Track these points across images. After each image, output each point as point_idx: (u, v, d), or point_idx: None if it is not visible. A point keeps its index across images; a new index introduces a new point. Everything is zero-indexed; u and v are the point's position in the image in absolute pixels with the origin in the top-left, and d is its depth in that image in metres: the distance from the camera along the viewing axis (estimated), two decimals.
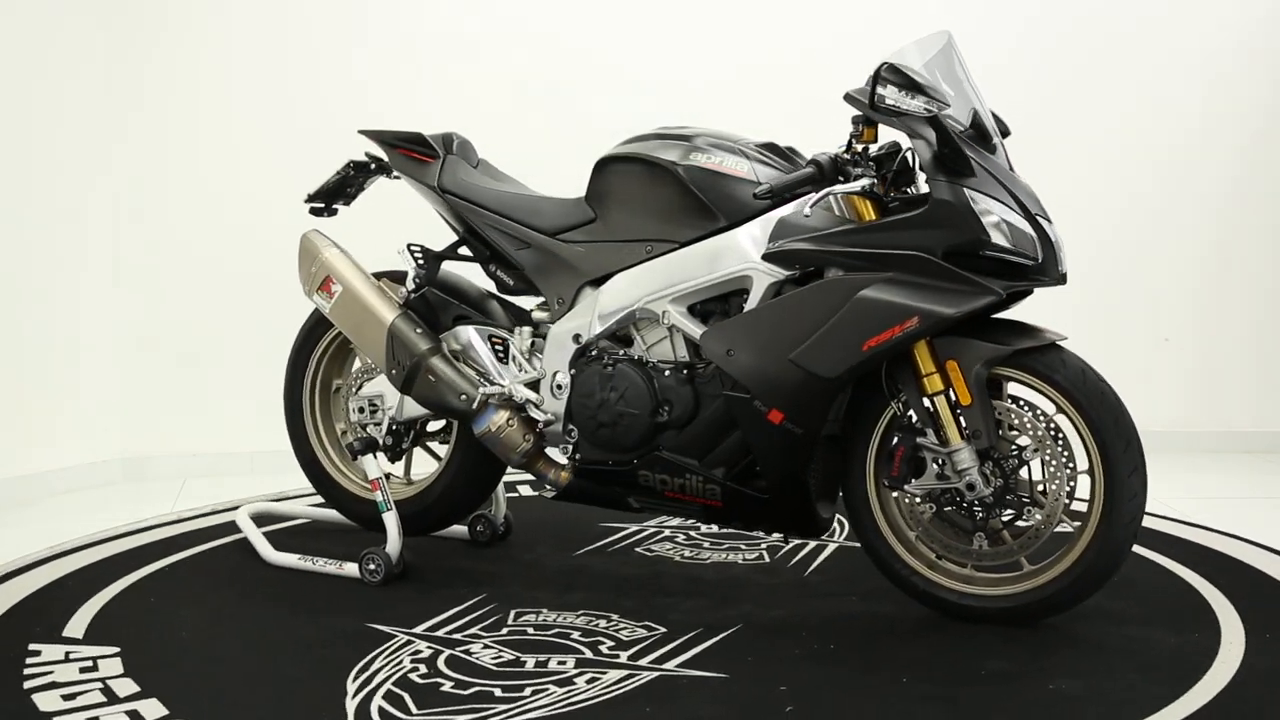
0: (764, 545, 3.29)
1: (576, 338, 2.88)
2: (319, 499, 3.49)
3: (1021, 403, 2.62)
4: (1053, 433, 2.58)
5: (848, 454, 2.74)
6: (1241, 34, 4.48)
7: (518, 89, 4.38)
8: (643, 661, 2.48)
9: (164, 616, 2.80)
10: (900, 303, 2.48)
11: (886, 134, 2.66)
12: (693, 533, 3.42)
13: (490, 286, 3.16)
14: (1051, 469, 2.57)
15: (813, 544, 3.27)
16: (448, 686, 2.36)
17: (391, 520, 3.03)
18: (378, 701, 2.28)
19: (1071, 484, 2.57)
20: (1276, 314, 4.59)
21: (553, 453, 2.98)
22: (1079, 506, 2.64)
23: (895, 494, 2.70)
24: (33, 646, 2.58)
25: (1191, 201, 4.55)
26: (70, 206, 4.15)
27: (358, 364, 3.32)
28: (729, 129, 2.89)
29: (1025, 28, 4.49)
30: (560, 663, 2.48)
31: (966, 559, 2.68)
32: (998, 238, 2.47)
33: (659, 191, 2.79)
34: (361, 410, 3.16)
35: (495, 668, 2.45)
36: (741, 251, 2.68)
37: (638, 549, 3.29)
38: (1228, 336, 4.61)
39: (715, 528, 3.46)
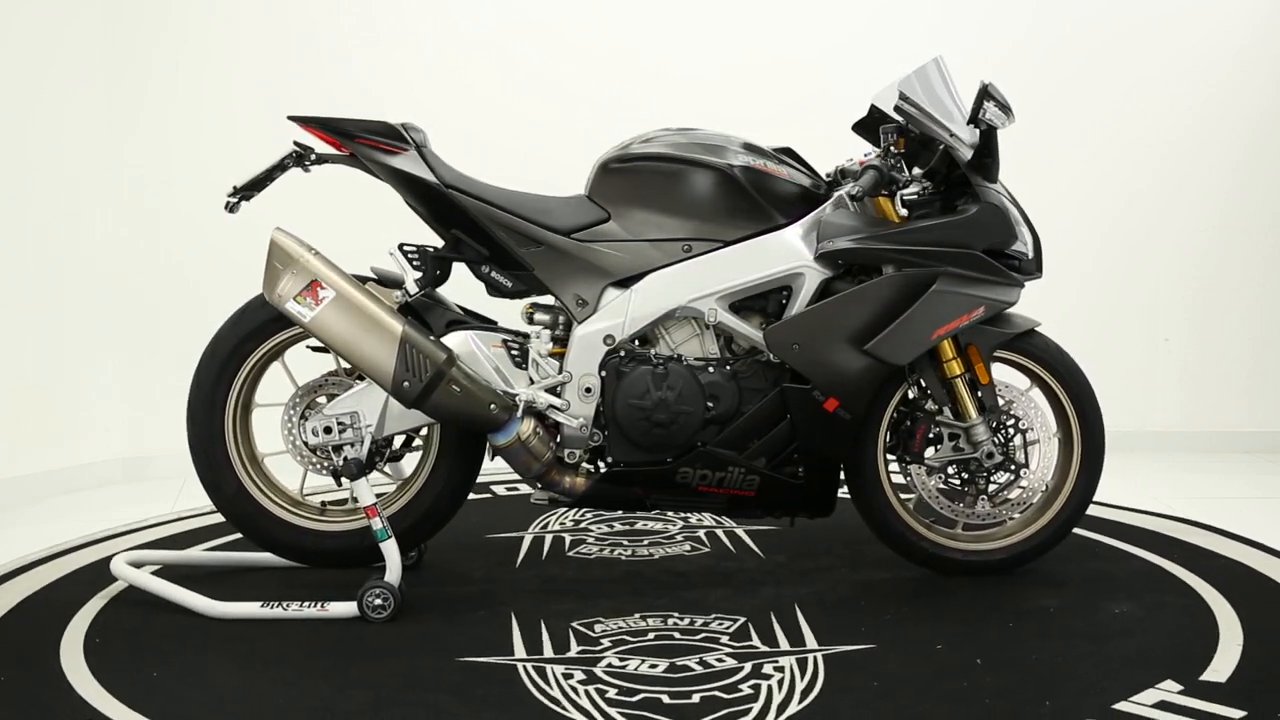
0: (682, 538, 3.38)
1: (608, 339, 2.82)
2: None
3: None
4: (1034, 406, 3.02)
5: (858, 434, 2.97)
6: (1242, 34, 4.49)
7: (518, 86, 4.35)
8: (781, 646, 2.55)
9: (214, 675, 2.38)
10: (970, 294, 2.79)
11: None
12: (592, 535, 3.41)
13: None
14: (1037, 438, 3.02)
15: (724, 532, 3.43)
16: (667, 699, 2.27)
17: (392, 548, 2.74)
18: None
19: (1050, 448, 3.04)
20: (1275, 314, 4.58)
21: None
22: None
23: (911, 467, 2.99)
24: None
25: (1190, 202, 4.54)
26: (71, 206, 4.11)
27: (292, 382, 2.92)
28: (723, 129, 3.00)
29: (1026, 29, 4.47)
30: (719, 660, 2.47)
31: (956, 520, 3.04)
32: (1022, 236, 2.87)
33: (702, 191, 2.82)
34: (329, 430, 2.80)
35: (671, 675, 2.39)
36: (795, 250, 2.82)
37: (568, 555, 3.24)
38: (1226, 337, 4.58)
39: (607, 528, 3.49)
